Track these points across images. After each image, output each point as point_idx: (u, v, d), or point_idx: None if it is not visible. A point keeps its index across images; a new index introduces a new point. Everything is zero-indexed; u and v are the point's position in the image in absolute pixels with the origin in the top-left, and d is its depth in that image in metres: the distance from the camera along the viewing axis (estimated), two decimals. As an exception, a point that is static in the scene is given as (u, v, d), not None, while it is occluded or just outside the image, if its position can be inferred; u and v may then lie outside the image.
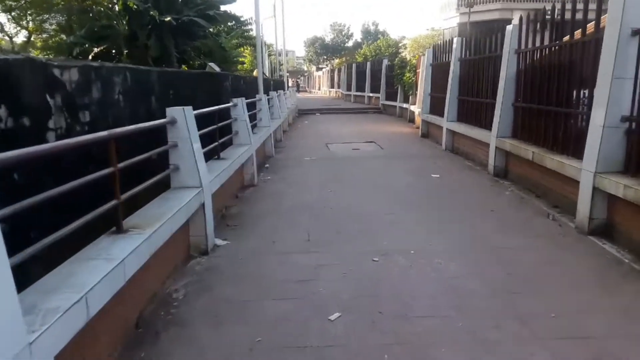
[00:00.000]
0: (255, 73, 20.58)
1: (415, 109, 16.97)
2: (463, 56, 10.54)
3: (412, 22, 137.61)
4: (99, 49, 22.06)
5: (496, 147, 7.79)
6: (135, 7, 20.88)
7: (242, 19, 28.46)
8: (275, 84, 17.61)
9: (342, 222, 5.47)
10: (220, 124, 6.18)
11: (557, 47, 6.26)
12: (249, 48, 44.05)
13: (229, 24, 28.58)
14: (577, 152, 5.51)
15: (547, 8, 6.63)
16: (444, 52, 12.19)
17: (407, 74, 19.52)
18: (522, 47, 7.40)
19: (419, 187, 7.33)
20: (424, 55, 16.84)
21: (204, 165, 4.81)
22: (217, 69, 10.40)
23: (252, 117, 9.99)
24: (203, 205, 4.55)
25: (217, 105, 6.61)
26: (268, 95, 13.39)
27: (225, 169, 5.77)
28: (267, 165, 9.49)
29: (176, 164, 4.48)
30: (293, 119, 20.71)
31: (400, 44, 62.84)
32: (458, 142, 10.53)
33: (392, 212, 5.88)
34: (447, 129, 11.00)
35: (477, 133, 9.03)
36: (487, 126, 8.93)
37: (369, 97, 28.46)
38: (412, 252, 4.45)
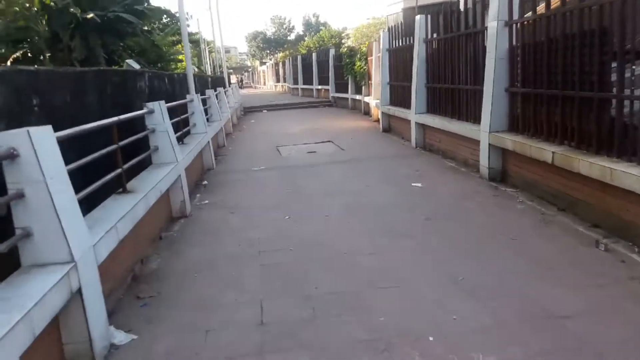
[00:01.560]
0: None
1: (371, 100, 15.45)
2: (429, 36, 9.01)
3: (353, 12, 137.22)
4: (17, 54, 19.23)
5: (490, 144, 6.28)
6: (53, 4, 18.14)
7: (177, 14, 26.00)
8: (214, 82, 15.50)
9: (311, 278, 3.70)
10: (121, 143, 4.22)
11: (581, 10, 4.76)
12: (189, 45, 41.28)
13: (164, 19, 26.03)
14: (624, 150, 4.04)
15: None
16: (403, 34, 10.64)
17: (358, 63, 17.96)
18: (515, 17, 5.89)
19: (402, 203, 5.68)
20: (376, 41, 15.33)
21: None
22: (137, 66, 8.31)
23: (185, 123, 8.00)
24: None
25: (126, 112, 4.66)
26: (204, 94, 11.34)
27: (132, 208, 3.85)
28: (204, 182, 7.53)
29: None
30: (238, 118, 18.66)
31: (343, 34, 62.04)
32: (432, 137, 9.01)
33: (376, 250, 4.19)
34: (416, 122, 9.46)
35: (458, 127, 7.52)
36: (470, 118, 7.43)
37: (318, 90, 26.77)
38: (430, 338, 2.76)
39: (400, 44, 10.91)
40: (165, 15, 24.76)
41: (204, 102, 10.37)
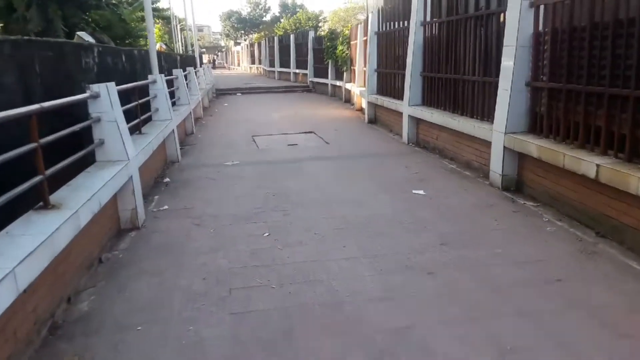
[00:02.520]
0: (158, 48, 16.82)
1: (354, 88, 14.40)
2: (429, 18, 7.99)
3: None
4: None
5: (505, 147, 5.36)
6: (6, -31, 16.25)
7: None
8: (184, 61, 14.11)
9: (299, 342, 2.68)
10: (45, 139, 3.06)
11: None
12: (159, 22, 38.91)
13: (133, -7, 24.13)
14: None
15: None
16: (397, 15, 9.59)
17: (340, 47, 16.81)
18: (545, -3, 4.93)
19: (407, 219, 4.69)
20: (361, 24, 14.22)
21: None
22: (89, 38, 7.00)
23: (146, 108, 6.79)
24: None
25: (62, 97, 3.49)
26: (171, 75, 10.05)
27: (61, 226, 2.73)
28: (166, 179, 6.37)
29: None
30: (210, 101, 17.30)
31: (320, 17, 60.47)
32: (427, 133, 8.06)
33: (388, 294, 3.20)
34: (409, 116, 8.49)
35: (462, 124, 6.57)
36: (477, 114, 6.51)
37: (295, 74, 25.49)
38: None
39: (392, 27, 9.86)
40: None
41: (170, 83, 9.10)
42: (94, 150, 4.26)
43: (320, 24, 55.96)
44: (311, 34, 22.68)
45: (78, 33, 7.24)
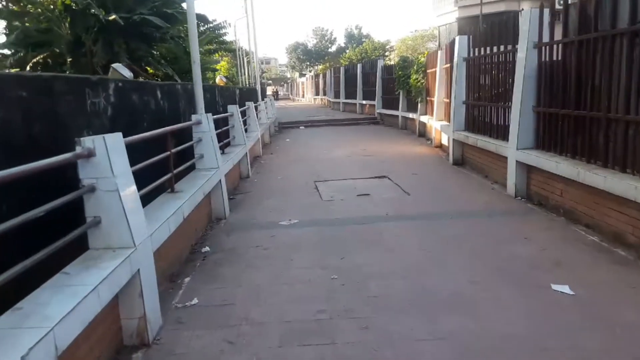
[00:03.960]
0: (218, 81, 16.10)
1: (432, 121, 12.63)
2: (547, 39, 6.16)
3: (397, 24, 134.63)
4: (37, 58, 17.70)
5: None
6: (74, 5, 16.49)
7: (213, 22, 24.20)
8: (244, 95, 13.10)
9: None
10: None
11: None
12: (228, 55, 39.51)
13: (201, 27, 24.21)
14: None
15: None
16: (495, 38, 7.82)
17: (414, 76, 15.18)
18: None
19: (560, 349, 2.87)
20: (440, 49, 12.55)
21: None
22: (127, 73, 5.89)
23: (189, 154, 5.52)
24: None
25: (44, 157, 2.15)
26: (226, 112, 8.89)
27: None
28: (205, 248, 4.94)
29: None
30: (271, 136, 16.23)
31: (387, 46, 59.52)
32: (546, 186, 6.10)
33: None
34: (518, 162, 6.58)
35: (612, 182, 4.61)
36: (636, 168, 4.54)
37: (362, 105, 24.09)
38: None
39: (488, 52, 8.09)
40: (201, 23, 22.91)
41: (221, 123, 7.88)
42: (87, 233, 2.88)
43: (387, 53, 54.95)
44: (380, 63, 21.28)
45: (113, 65, 6.18)
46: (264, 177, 9.11)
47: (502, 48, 7.51)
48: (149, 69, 19.15)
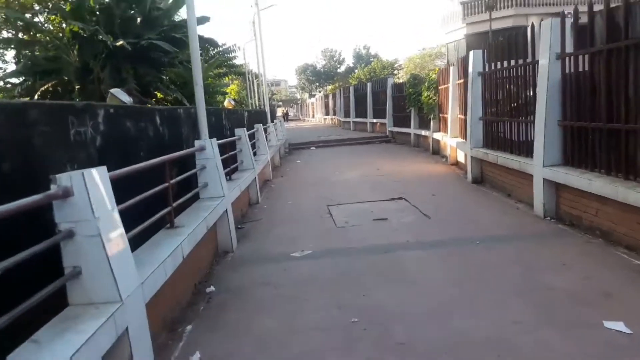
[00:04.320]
0: (226, 104, 15.91)
1: (446, 138, 12.20)
2: (572, 49, 5.75)
3: (405, 43, 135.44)
4: (46, 86, 17.73)
5: None
6: (82, 32, 16.55)
7: (224, 46, 24.26)
8: (252, 117, 12.85)
9: None
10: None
11: None
12: (238, 79, 39.69)
13: (211, 51, 24.29)
14: None
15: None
16: (512, 51, 7.43)
17: (426, 93, 14.81)
18: None
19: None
20: (452, 65, 12.22)
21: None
22: (126, 99, 5.62)
23: (193, 181, 5.19)
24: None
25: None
26: (233, 135, 8.59)
27: None
28: (210, 287, 4.52)
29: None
30: (281, 158, 15.93)
31: (395, 65, 59.57)
32: (578, 205, 5.61)
33: None
34: (545, 180, 6.11)
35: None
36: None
37: (373, 124, 23.79)
38: None
39: (505, 65, 7.69)
40: (211, 47, 22.95)
41: (228, 147, 7.55)
42: (67, 287, 2.49)
43: (395, 72, 54.93)
44: (390, 81, 21.03)
45: (111, 91, 5.93)
46: (274, 203, 8.73)
47: (520, 61, 7.12)
48: (158, 93, 19.12)
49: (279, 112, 48.49)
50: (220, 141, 6.89)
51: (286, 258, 5.26)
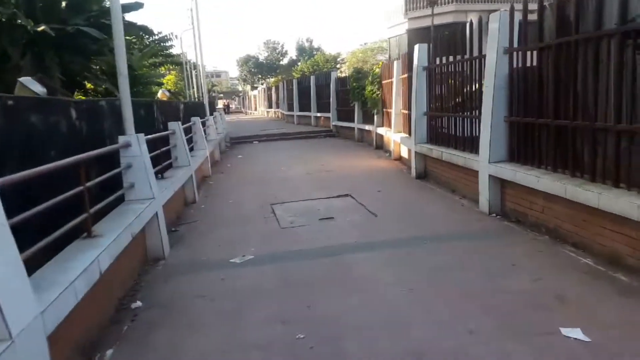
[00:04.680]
0: (160, 95, 14.96)
1: (390, 133, 12.12)
2: (519, 44, 5.68)
3: (347, 37, 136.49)
4: None
5: None
6: (-1, 16, 14.78)
7: (159, 34, 22.85)
8: (189, 109, 12.06)
9: None
10: None
11: None
12: (175, 69, 37.84)
13: (146, 40, 22.80)
14: None
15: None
16: (458, 46, 7.34)
17: (369, 87, 14.68)
18: None
19: None
20: (397, 59, 12.12)
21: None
22: (39, 89, 4.88)
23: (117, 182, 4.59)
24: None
25: None
26: (167, 129, 7.92)
27: None
28: (136, 303, 3.97)
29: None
30: (222, 152, 15.24)
31: (338, 59, 59.68)
32: (523, 202, 5.58)
33: None
34: (491, 176, 6.04)
35: (608, 200, 4.09)
36: (630, 182, 4.05)
37: (317, 118, 23.51)
38: None
39: (451, 60, 7.60)
40: (145, 35, 21.54)
41: (159, 142, 6.91)
42: None
43: (338, 66, 54.97)
44: (334, 75, 20.80)
45: (20, 80, 5.13)
46: (213, 202, 8.16)
47: (466, 55, 7.03)
48: (88, 84, 17.69)
49: (220, 104, 47.09)
50: (150, 136, 6.27)
51: (225, 265, 4.78)
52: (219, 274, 4.51)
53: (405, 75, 10.53)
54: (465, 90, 7.22)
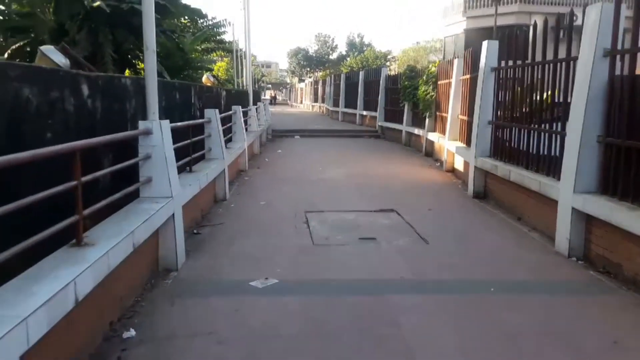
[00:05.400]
0: (204, 80, 14.40)
1: (443, 140, 11.01)
2: (629, 44, 4.55)
3: (399, 35, 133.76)
4: (16, 46, 15.89)
5: None
6: (56, -12, 14.71)
7: (213, 20, 22.54)
8: (230, 97, 11.40)
9: None
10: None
11: None
12: (228, 56, 37.65)
13: (201, 23, 22.52)
14: None
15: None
16: (540, 42, 6.21)
17: (423, 88, 13.59)
18: None
19: None
20: (457, 57, 10.97)
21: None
22: (61, 60, 4.25)
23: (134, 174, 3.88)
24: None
25: None
26: (203, 117, 7.23)
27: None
28: (128, 333, 3.20)
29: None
30: (261, 145, 14.56)
31: (389, 57, 58.10)
32: (619, 249, 4.45)
33: None
34: (575, 209, 4.92)
35: None
36: None
37: (362, 116, 22.49)
38: None
39: (528, 62, 6.48)
40: (199, 18, 21.21)
41: (195, 130, 6.19)
42: None
43: (388, 64, 53.47)
44: (384, 71, 19.73)
45: (41, 48, 4.53)
46: (244, 201, 7.41)
47: (549, 57, 5.91)
48: (139, 63, 17.52)
49: (267, 94, 46.75)
50: (180, 123, 5.58)
51: (243, 289, 3.98)
52: (234, 302, 3.71)
53: (468, 76, 9.43)
54: (545, 100, 6.09)
